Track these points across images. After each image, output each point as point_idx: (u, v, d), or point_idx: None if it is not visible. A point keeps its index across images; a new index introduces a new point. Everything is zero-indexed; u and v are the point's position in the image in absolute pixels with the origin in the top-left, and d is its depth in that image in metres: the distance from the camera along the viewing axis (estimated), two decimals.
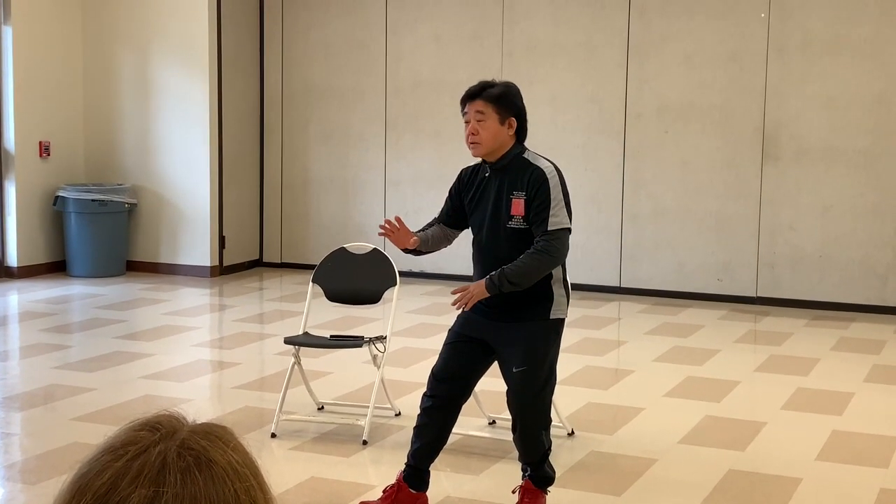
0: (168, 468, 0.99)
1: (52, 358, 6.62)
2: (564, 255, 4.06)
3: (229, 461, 1.02)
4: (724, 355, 6.93)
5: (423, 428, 4.22)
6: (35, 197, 9.24)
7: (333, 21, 9.62)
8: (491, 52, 9.12)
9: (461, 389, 4.20)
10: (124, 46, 9.48)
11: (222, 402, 5.91)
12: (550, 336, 4.11)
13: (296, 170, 9.89)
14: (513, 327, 4.08)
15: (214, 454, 1.02)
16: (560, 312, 4.11)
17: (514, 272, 3.95)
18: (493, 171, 4.12)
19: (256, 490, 1.04)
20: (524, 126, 4.15)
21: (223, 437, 1.05)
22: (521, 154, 4.10)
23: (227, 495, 1.00)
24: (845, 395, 6.00)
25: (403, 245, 4.28)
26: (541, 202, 4.00)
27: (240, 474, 1.02)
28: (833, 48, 8.25)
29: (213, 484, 1.00)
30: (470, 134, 4.08)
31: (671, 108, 8.68)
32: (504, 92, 4.11)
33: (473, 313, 4.16)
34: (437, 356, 4.28)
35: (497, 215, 4.07)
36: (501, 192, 4.07)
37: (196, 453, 1.01)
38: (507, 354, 4.12)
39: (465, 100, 4.12)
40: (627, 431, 5.35)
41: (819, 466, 4.87)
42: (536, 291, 4.06)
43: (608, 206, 8.91)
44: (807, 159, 8.39)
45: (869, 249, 8.29)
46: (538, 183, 4.01)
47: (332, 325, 7.26)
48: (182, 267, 9.47)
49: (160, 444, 1.01)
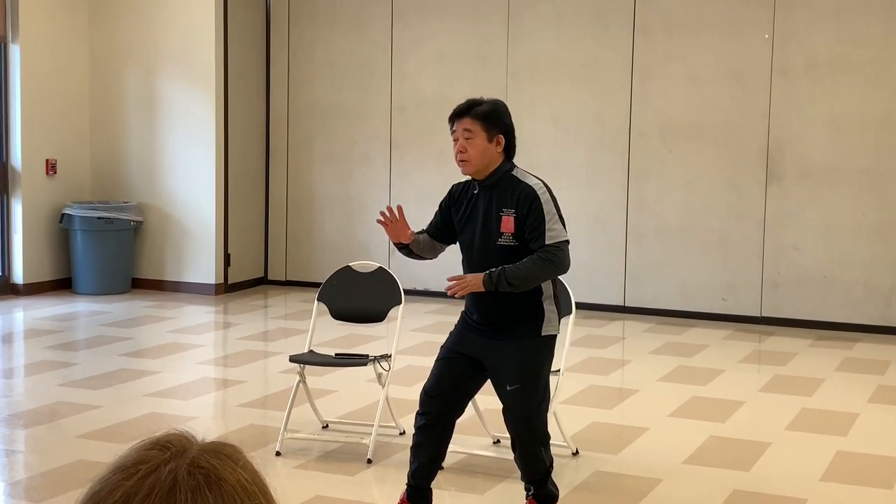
0: (179, 486, 1.00)
1: (58, 375, 6.63)
2: (566, 267, 4.05)
3: (238, 479, 1.04)
4: (728, 375, 6.93)
5: (419, 447, 4.22)
6: (41, 214, 9.27)
7: (339, 40, 9.67)
8: (495, 72, 9.16)
9: (454, 406, 4.19)
10: (131, 64, 9.53)
11: (227, 419, 5.91)
12: (543, 353, 4.11)
13: (301, 188, 9.92)
14: (504, 345, 4.07)
15: (224, 472, 1.03)
16: (551, 329, 4.11)
17: (514, 273, 3.95)
18: (482, 189, 4.13)
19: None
20: (512, 143, 4.15)
21: (232, 455, 1.07)
22: (510, 171, 4.11)
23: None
24: (850, 416, 6.00)
25: (398, 238, 4.25)
26: (535, 219, 4.00)
27: (249, 492, 1.04)
28: (837, 69, 8.28)
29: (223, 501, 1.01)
30: (458, 152, 4.09)
31: (675, 128, 8.71)
32: (492, 109, 4.11)
33: (465, 330, 4.17)
34: (429, 373, 4.28)
35: (487, 233, 4.08)
36: (491, 210, 4.08)
37: (206, 472, 1.02)
38: (499, 372, 4.12)
39: (453, 118, 4.13)
40: (632, 451, 5.35)
41: (824, 487, 4.87)
42: (526, 308, 4.06)
43: (612, 226, 8.93)
44: (810, 179, 8.40)
45: (873, 270, 8.29)
46: (529, 200, 4.02)
47: (337, 343, 7.26)
48: (187, 284, 9.49)
49: (171, 463, 1.02)
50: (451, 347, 4.21)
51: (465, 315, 4.23)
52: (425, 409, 4.19)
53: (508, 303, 4.06)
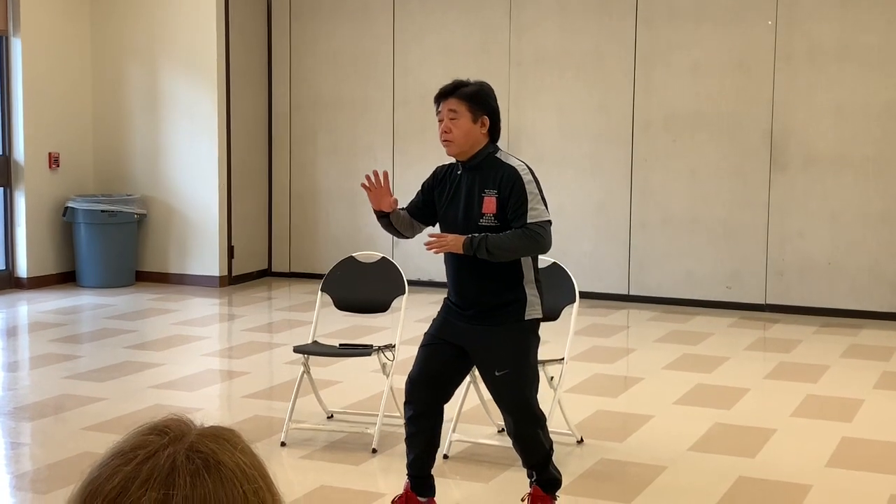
0: (178, 471, 1.00)
1: (62, 368, 6.64)
2: (548, 246, 4.03)
3: (237, 463, 1.03)
4: (733, 363, 6.92)
5: (412, 438, 4.22)
6: (44, 208, 9.27)
7: (341, 33, 9.65)
8: (498, 63, 9.14)
9: (440, 392, 4.18)
10: (133, 58, 9.53)
11: (232, 411, 5.92)
12: (528, 336, 4.10)
13: (304, 180, 9.91)
14: (488, 331, 4.07)
15: (223, 456, 1.03)
16: (535, 313, 4.09)
17: (495, 242, 3.94)
18: (466, 170, 4.11)
19: (265, 491, 1.04)
20: (497, 126, 4.14)
21: (231, 439, 1.06)
22: (494, 154, 4.10)
23: (237, 497, 1.01)
24: (855, 402, 5.99)
25: (379, 205, 4.22)
26: (517, 199, 3.99)
27: (248, 476, 1.03)
28: (841, 56, 8.25)
29: (223, 486, 1.00)
30: (443, 132, 4.07)
31: (679, 117, 8.69)
32: (477, 91, 4.10)
33: (447, 317, 4.16)
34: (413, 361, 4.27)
35: (468, 213, 4.06)
36: (473, 191, 4.07)
37: (205, 456, 1.02)
38: (486, 359, 4.12)
39: (438, 98, 4.12)
40: (637, 439, 5.34)
41: (829, 473, 4.86)
42: (508, 293, 4.05)
43: (616, 215, 8.92)
44: (815, 167, 8.39)
45: (878, 256, 8.27)
46: (511, 181, 4.00)
47: (341, 333, 7.26)
48: (191, 277, 9.49)
49: (169, 448, 1.02)
50: (435, 334, 4.20)
51: (447, 301, 4.21)
52: (412, 397, 4.18)
53: (489, 285, 4.04)
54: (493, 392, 4.18)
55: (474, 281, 4.06)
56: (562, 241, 8.99)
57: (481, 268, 4.03)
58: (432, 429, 4.20)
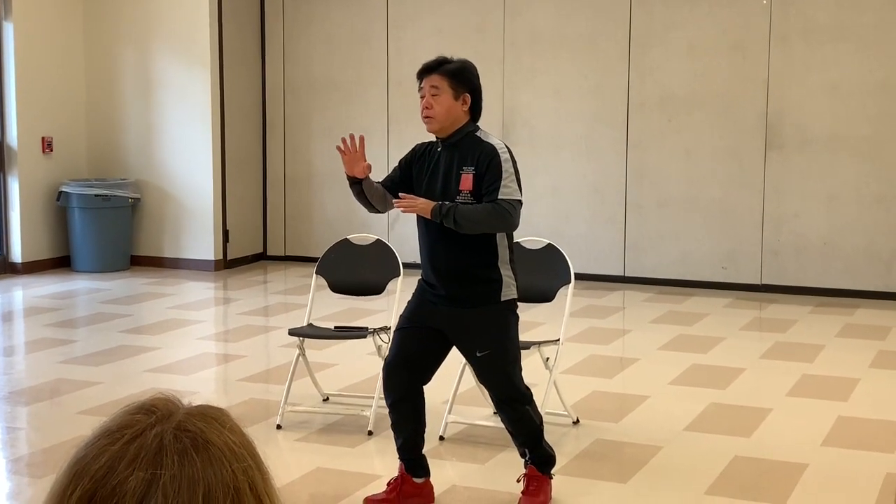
0: (165, 450, 0.99)
1: (58, 352, 6.63)
2: (515, 224, 4.00)
3: (226, 442, 1.02)
4: (729, 343, 6.93)
5: (398, 424, 4.21)
6: (38, 193, 9.25)
7: (335, 15, 9.61)
8: (493, 44, 9.11)
9: (418, 374, 4.17)
10: (126, 41, 9.48)
11: (228, 394, 5.91)
12: (507, 316, 4.09)
13: (299, 163, 9.89)
14: (465, 313, 4.06)
15: (211, 435, 1.02)
16: (510, 294, 4.08)
17: (463, 211, 3.93)
18: (445, 147, 4.09)
19: (254, 470, 1.03)
20: (479, 104, 4.11)
21: (219, 418, 1.05)
22: (474, 132, 4.09)
23: (225, 476, 1.00)
24: (851, 381, 6.00)
25: (352, 170, 4.16)
26: (492, 175, 3.97)
27: (237, 455, 1.02)
28: (836, 36, 8.23)
29: (211, 465, 0.99)
30: (424, 108, 4.06)
31: (674, 98, 8.67)
32: (460, 68, 4.08)
33: (423, 299, 4.15)
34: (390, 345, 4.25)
35: (446, 191, 4.04)
36: (451, 168, 4.05)
37: (193, 435, 1.01)
38: (465, 341, 4.11)
39: (421, 74, 4.10)
40: (633, 419, 5.35)
41: (825, 452, 4.87)
42: (483, 274, 4.04)
43: (612, 196, 8.90)
44: (810, 148, 8.37)
45: (873, 236, 8.27)
46: (488, 157, 3.99)
47: (337, 316, 7.26)
48: (186, 261, 9.48)
49: (156, 427, 1.01)
50: (410, 317, 4.18)
51: (422, 283, 4.20)
52: (390, 383, 4.18)
53: (464, 263, 4.02)
54: (476, 373, 4.19)
55: (449, 259, 4.05)
56: (557, 222, 9.00)
57: (456, 246, 4.03)
58: (416, 411, 4.19)
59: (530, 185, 9.01)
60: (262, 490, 1.03)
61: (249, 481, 1.02)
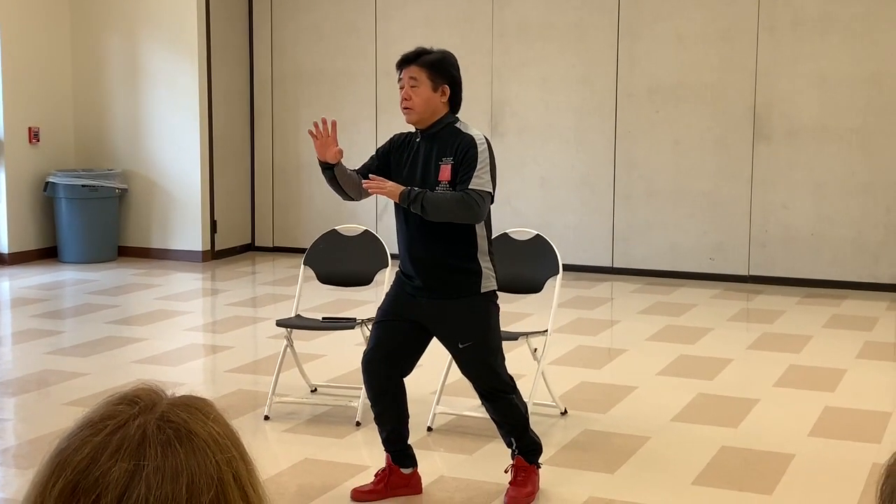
0: (148, 441, 0.98)
1: (45, 343, 6.61)
2: (481, 216, 3.99)
3: (210, 433, 1.01)
4: (716, 333, 6.94)
5: (380, 417, 4.21)
6: (25, 183, 9.21)
7: (323, 4, 9.58)
8: (481, 34, 9.09)
9: (397, 367, 4.16)
10: (113, 31, 9.44)
11: (216, 385, 5.90)
12: (487, 306, 4.09)
13: (287, 154, 9.87)
14: (445, 305, 4.05)
15: (195, 426, 1.01)
16: (490, 285, 4.08)
17: (430, 199, 3.92)
18: (424, 138, 4.08)
19: (238, 461, 1.03)
20: (458, 96, 4.09)
21: (203, 408, 1.04)
22: (453, 123, 4.07)
23: (209, 466, 0.99)
24: (838, 372, 6.02)
25: (323, 155, 4.14)
26: (467, 165, 3.96)
27: (221, 445, 1.01)
28: (824, 27, 8.24)
29: (195, 456, 0.99)
30: (403, 99, 4.04)
31: (662, 88, 8.67)
32: (440, 59, 4.07)
33: (401, 291, 4.14)
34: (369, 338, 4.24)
35: (425, 182, 4.02)
36: (430, 159, 4.04)
37: (176, 426, 1.00)
38: (446, 332, 4.11)
39: (400, 65, 4.08)
40: (620, 410, 5.36)
41: (812, 442, 4.88)
42: (462, 266, 4.03)
43: (600, 187, 8.91)
44: (798, 138, 8.39)
45: (861, 227, 8.30)
46: (466, 147, 3.98)
47: (325, 307, 7.25)
48: (174, 252, 9.45)
49: (139, 418, 1.00)
50: (388, 310, 4.17)
51: (399, 275, 4.19)
52: (369, 376, 4.17)
53: (443, 255, 4.01)
54: (459, 364, 4.17)
55: (428, 250, 4.04)
56: (546, 213, 9.00)
57: (434, 237, 4.02)
58: (397, 403, 4.19)
59: (519, 176, 9.03)
60: (247, 481, 1.03)
61: (233, 472, 1.01)
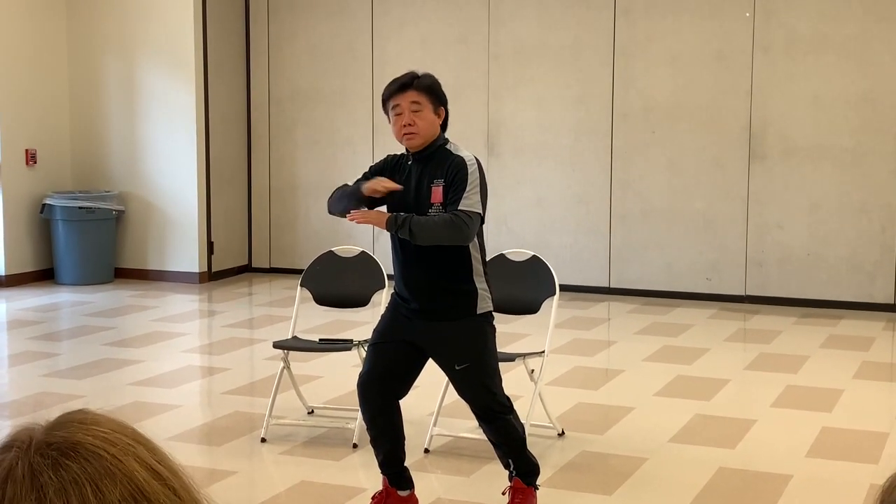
0: (38, 473, 0.97)
1: (41, 366, 6.60)
2: (470, 237, 3.97)
3: (95, 435, 1.00)
4: (713, 354, 6.94)
5: (377, 440, 4.19)
6: (22, 205, 9.21)
7: (319, 25, 9.62)
8: (477, 55, 9.13)
9: (393, 390, 4.14)
10: (110, 53, 9.46)
11: (212, 407, 5.89)
12: (484, 328, 4.08)
13: (284, 174, 9.88)
14: (441, 326, 4.04)
15: (76, 437, 1.00)
16: (486, 306, 4.07)
17: (418, 222, 3.91)
18: (416, 161, 4.07)
19: (135, 445, 1.01)
20: (447, 117, 4.13)
21: (79, 419, 1.03)
22: (444, 145, 4.07)
23: (109, 463, 0.98)
24: (835, 392, 6.01)
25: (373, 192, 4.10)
26: (457, 186, 3.96)
27: (111, 440, 1.00)
28: (818, 47, 8.28)
29: (89, 461, 0.98)
30: (405, 125, 4.01)
31: (658, 109, 8.70)
32: (434, 82, 4.10)
33: (396, 314, 4.13)
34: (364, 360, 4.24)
35: (418, 204, 4.01)
36: (422, 181, 4.03)
37: (58, 445, 0.99)
38: (443, 355, 4.09)
39: (395, 91, 4.05)
40: (618, 431, 5.35)
41: (809, 463, 4.88)
42: (457, 287, 4.02)
43: (596, 207, 8.92)
44: (793, 158, 8.41)
45: (857, 247, 8.31)
46: (456, 169, 3.98)
47: (321, 328, 7.25)
48: (171, 273, 9.45)
49: (20, 459, 0.99)
50: (383, 332, 4.16)
51: (395, 297, 4.18)
52: (364, 399, 4.15)
53: (437, 276, 4.00)
54: (455, 386, 4.16)
55: (422, 272, 4.03)
56: (542, 233, 9.01)
57: (430, 259, 4.01)
58: (393, 425, 4.17)
59: (515, 196, 9.05)
60: (151, 460, 1.01)
61: (135, 458, 1.00)
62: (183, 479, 1.03)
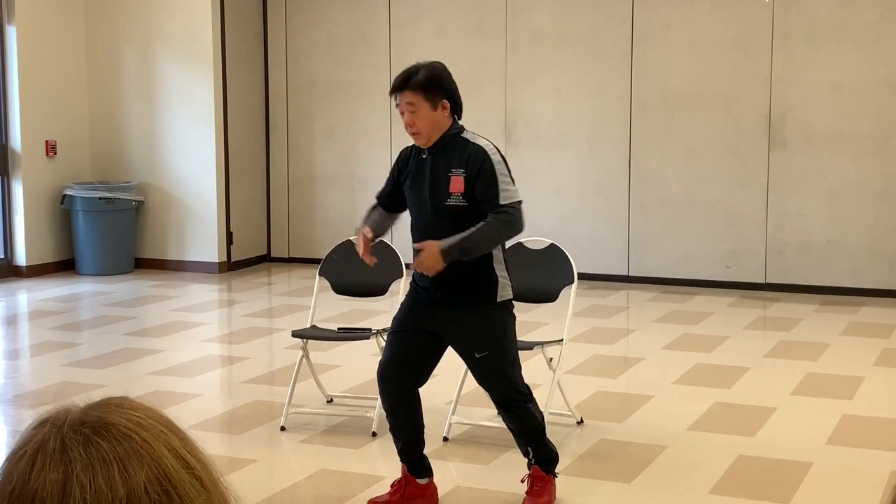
0: (68, 448, 0.99)
1: (62, 356, 6.64)
2: (521, 227, 3.98)
3: (129, 418, 1.02)
4: (733, 342, 6.92)
5: (396, 428, 4.20)
6: (42, 196, 9.26)
7: (337, 16, 9.62)
8: (494, 45, 9.11)
9: (412, 378, 4.15)
10: (128, 44, 9.49)
11: (232, 396, 5.92)
12: (504, 316, 4.07)
13: (301, 165, 9.90)
14: (460, 314, 4.03)
15: (111, 418, 1.02)
16: (506, 294, 4.06)
17: (471, 239, 3.88)
18: (431, 152, 4.06)
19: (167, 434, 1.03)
20: (458, 104, 4.07)
21: (117, 402, 1.05)
22: (460, 133, 4.05)
23: (138, 446, 1.00)
24: (855, 380, 5.99)
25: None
26: (486, 180, 3.93)
27: (144, 425, 1.02)
28: (838, 34, 8.22)
29: (119, 442, 1.00)
30: (407, 125, 4.03)
31: (676, 97, 8.66)
32: (429, 77, 4.01)
33: (416, 302, 4.13)
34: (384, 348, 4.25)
35: (436, 194, 4.01)
36: (439, 171, 4.02)
37: (91, 424, 1.01)
38: (463, 342, 4.09)
39: (393, 90, 4.05)
40: (637, 419, 5.35)
41: (829, 451, 4.86)
42: (479, 275, 4.01)
43: (615, 196, 8.90)
44: (813, 145, 8.37)
45: (877, 234, 8.27)
46: (479, 161, 3.95)
47: (340, 317, 7.26)
48: (190, 263, 9.48)
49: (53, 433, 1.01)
50: (402, 321, 4.16)
51: (414, 285, 4.17)
52: (384, 387, 4.15)
53: (458, 265, 3.97)
54: (475, 374, 4.16)
55: None
56: (560, 222, 8.99)
57: None
58: (413, 413, 4.18)
59: (533, 185, 9.04)
60: (183, 450, 1.02)
61: (165, 445, 1.01)
62: (212, 473, 1.04)
